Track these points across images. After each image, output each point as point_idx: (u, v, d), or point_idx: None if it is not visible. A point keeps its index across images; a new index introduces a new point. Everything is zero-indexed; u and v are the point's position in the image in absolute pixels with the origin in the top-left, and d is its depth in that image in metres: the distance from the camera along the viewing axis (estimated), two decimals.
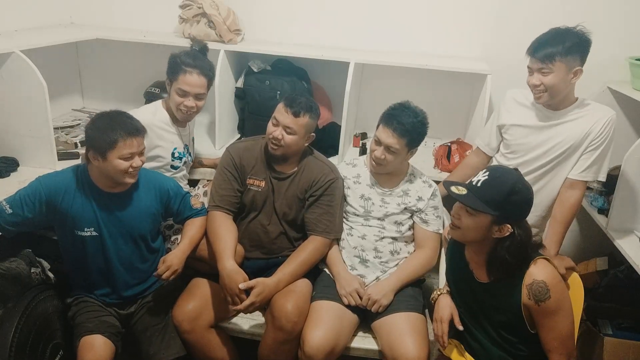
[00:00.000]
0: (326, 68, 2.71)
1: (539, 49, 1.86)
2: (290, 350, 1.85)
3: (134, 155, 1.74)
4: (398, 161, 1.97)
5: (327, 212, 2.00)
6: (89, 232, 1.80)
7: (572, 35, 1.84)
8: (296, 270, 1.93)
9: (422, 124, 1.94)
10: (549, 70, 1.85)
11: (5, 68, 2.06)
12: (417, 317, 1.89)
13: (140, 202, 1.87)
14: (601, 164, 1.94)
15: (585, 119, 1.91)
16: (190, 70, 2.04)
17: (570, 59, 1.83)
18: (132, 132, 1.73)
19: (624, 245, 2.01)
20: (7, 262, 1.97)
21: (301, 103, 1.93)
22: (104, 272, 1.87)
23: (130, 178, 1.78)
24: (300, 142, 1.97)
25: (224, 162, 2.05)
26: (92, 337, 1.76)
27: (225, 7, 2.63)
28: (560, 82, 1.85)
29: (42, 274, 2.08)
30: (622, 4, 2.45)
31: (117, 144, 1.69)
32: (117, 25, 2.93)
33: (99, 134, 1.70)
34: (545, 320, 1.51)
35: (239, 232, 2.02)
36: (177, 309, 1.90)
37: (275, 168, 2.03)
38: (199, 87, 2.06)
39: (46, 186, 1.78)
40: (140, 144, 1.77)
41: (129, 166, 1.73)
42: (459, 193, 1.54)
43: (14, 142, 2.19)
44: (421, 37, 2.69)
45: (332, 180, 2.01)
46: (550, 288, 1.49)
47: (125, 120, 1.75)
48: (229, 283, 1.78)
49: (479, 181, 1.53)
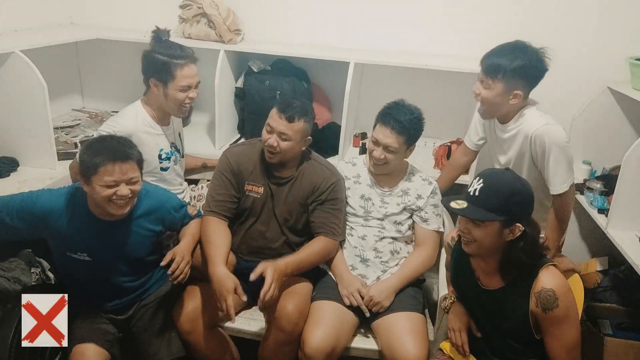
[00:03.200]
0: (326, 68, 2.71)
1: (488, 59, 1.82)
2: (290, 351, 1.85)
3: (119, 184, 1.62)
4: (397, 160, 1.97)
5: (333, 215, 1.98)
6: (82, 257, 1.75)
7: (526, 56, 1.77)
8: (304, 259, 1.88)
9: (419, 120, 1.95)
10: (487, 85, 1.83)
11: (5, 68, 2.05)
12: (417, 317, 1.89)
13: (140, 229, 1.80)
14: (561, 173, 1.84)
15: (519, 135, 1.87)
16: (183, 62, 1.97)
17: (511, 81, 1.78)
18: (117, 158, 1.61)
19: (624, 245, 2.01)
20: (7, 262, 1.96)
21: (295, 107, 1.87)
22: (97, 288, 1.83)
23: (117, 209, 1.65)
24: (297, 147, 1.93)
25: (220, 166, 2.02)
26: (84, 345, 1.73)
27: (225, 7, 2.63)
28: (495, 100, 1.83)
29: (42, 274, 2.08)
30: (622, 4, 2.45)
31: (99, 169, 1.59)
32: (117, 25, 2.93)
33: (86, 157, 1.61)
34: (552, 328, 1.50)
35: (237, 238, 2.02)
36: (178, 309, 1.89)
37: (273, 173, 1.99)
38: (196, 75, 2.02)
39: (41, 206, 1.72)
40: (128, 171, 1.63)
41: (112, 194, 1.62)
42: (460, 207, 1.49)
43: (14, 142, 2.19)
44: (421, 37, 2.69)
45: (334, 183, 1.99)
46: (559, 297, 1.46)
47: (114, 145, 1.64)
48: (219, 288, 1.73)
49: (475, 190, 1.49)
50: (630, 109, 2.47)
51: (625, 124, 2.51)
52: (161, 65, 1.97)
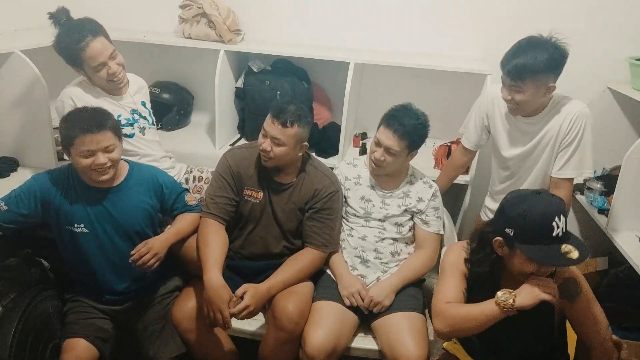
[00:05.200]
0: (326, 68, 2.71)
1: (509, 63, 1.79)
2: (291, 351, 1.85)
3: (96, 152, 1.69)
4: (397, 163, 1.97)
5: (327, 225, 1.97)
6: (79, 229, 1.79)
7: (545, 50, 1.75)
8: (289, 278, 1.89)
9: (423, 127, 1.94)
10: (518, 88, 1.80)
11: (5, 68, 2.06)
12: (417, 317, 1.89)
13: (132, 198, 1.84)
14: (581, 158, 1.88)
15: (554, 117, 1.88)
16: (87, 40, 1.89)
17: (541, 76, 1.77)
18: (91, 129, 1.66)
19: (624, 245, 2.01)
20: (7, 262, 1.97)
21: (289, 112, 1.84)
22: (100, 267, 1.84)
23: (99, 175, 1.73)
24: (292, 153, 1.91)
25: (220, 168, 2.01)
26: (76, 340, 1.76)
27: (225, 7, 2.63)
28: (531, 99, 1.82)
29: (42, 274, 2.08)
30: (622, 4, 2.45)
31: (75, 140, 1.66)
32: (117, 25, 2.92)
33: (63, 130, 1.70)
34: (583, 317, 1.52)
35: (237, 243, 2.01)
36: (177, 308, 1.89)
37: (273, 179, 1.98)
38: (106, 48, 1.93)
39: (40, 183, 1.79)
40: (103, 140, 1.69)
41: (90, 163, 1.69)
42: (578, 258, 1.41)
43: (14, 142, 2.20)
44: (421, 37, 2.69)
45: (332, 193, 1.98)
46: (580, 281, 1.51)
47: (87, 116, 1.71)
48: (214, 297, 1.71)
49: (567, 231, 1.44)
50: (630, 109, 2.47)
51: (625, 124, 2.51)
52: (67, 54, 1.93)
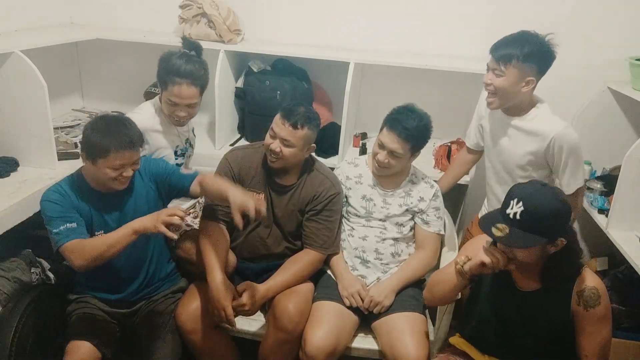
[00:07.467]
0: (326, 68, 2.71)
1: (499, 48, 1.82)
2: (291, 351, 1.85)
3: (125, 166, 1.71)
4: (401, 164, 1.97)
5: (327, 227, 1.97)
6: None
7: (536, 42, 1.78)
8: (288, 280, 1.90)
9: (427, 128, 1.94)
10: (500, 72, 1.82)
11: (5, 68, 2.05)
12: (417, 317, 1.89)
13: (138, 192, 1.86)
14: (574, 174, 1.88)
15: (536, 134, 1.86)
16: (180, 81, 1.94)
17: (525, 66, 1.78)
18: (126, 146, 1.68)
19: (624, 245, 2.01)
20: (7, 262, 1.97)
21: (299, 114, 1.86)
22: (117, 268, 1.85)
23: (119, 185, 1.75)
24: (300, 154, 1.92)
25: (221, 169, 2.01)
26: (80, 342, 1.75)
27: (225, 7, 2.63)
28: (509, 88, 1.82)
29: (42, 274, 2.08)
30: (622, 4, 2.45)
31: (109, 154, 1.66)
32: (117, 25, 2.93)
33: (93, 139, 1.67)
34: (590, 327, 1.51)
35: (238, 243, 2.01)
36: (181, 309, 1.89)
37: (275, 180, 1.98)
38: (190, 98, 1.98)
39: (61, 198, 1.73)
40: (134, 156, 1.72)
41: (118, 175, 1.71)
42: (503, 235, 1.43)
43: (14, 142, 2.19)
44: (421, 37, 2.69)
45: (333, 195, 1.98)
46: (601, 295, 1.49)
47: (122, 130, 1.70)
48: (218, 296, 1.75)
49: (515, 214, 1.42)
50: (630, 109, 2.47)
51: (625, 124, 2.51)
52: (162, 72, 1.99)
